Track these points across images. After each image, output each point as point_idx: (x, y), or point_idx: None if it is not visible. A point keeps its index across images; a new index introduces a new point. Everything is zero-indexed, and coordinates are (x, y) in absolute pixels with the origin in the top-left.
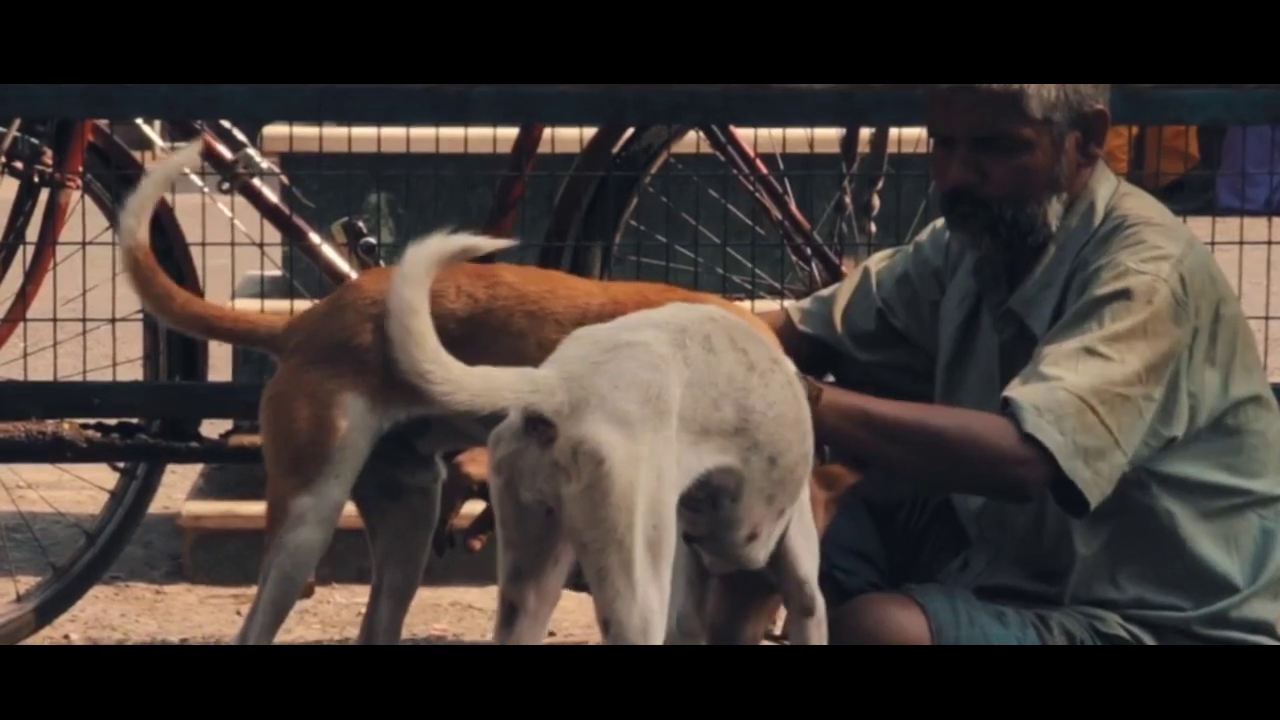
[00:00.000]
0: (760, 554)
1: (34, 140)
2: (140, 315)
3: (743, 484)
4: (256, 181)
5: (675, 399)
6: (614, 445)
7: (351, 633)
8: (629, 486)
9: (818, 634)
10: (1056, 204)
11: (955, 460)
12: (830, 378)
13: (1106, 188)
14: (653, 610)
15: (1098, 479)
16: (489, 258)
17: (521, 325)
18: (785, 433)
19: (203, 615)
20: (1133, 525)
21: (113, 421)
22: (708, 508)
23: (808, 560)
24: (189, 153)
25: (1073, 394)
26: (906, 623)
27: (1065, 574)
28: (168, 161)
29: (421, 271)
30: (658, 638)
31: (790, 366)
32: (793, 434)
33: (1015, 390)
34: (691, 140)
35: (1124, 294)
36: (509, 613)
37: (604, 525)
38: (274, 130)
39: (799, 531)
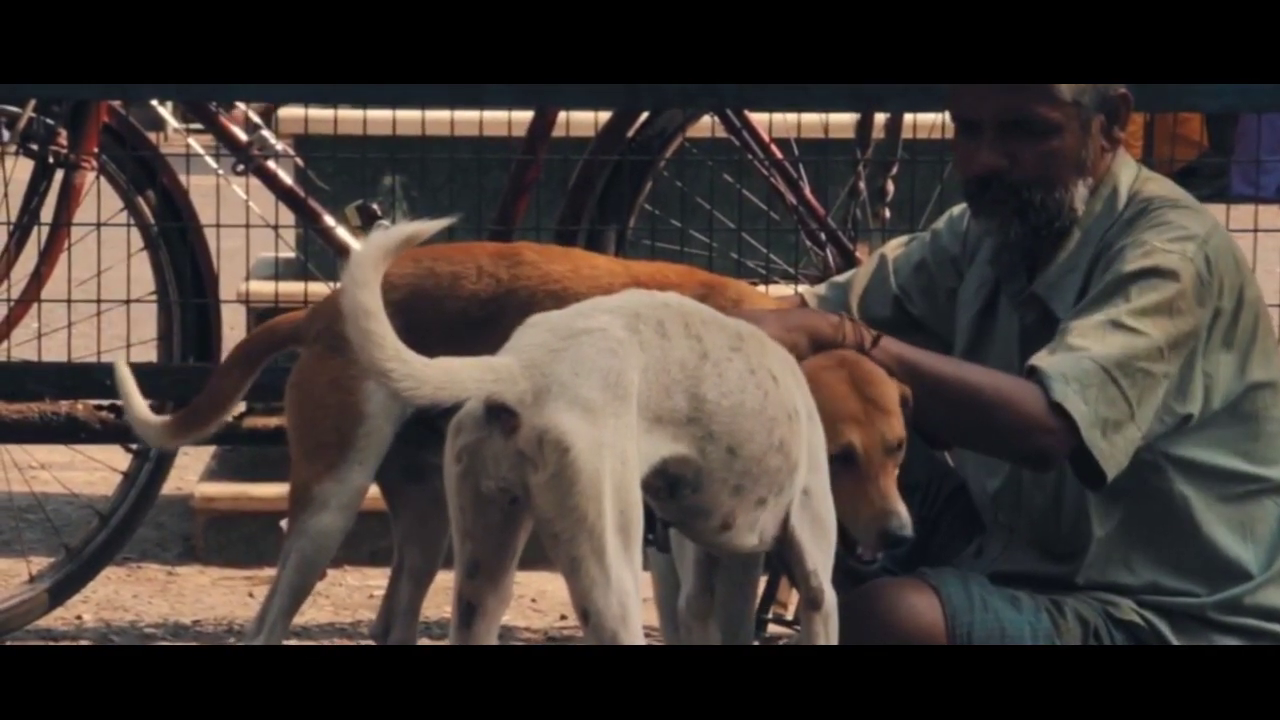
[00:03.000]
0: (743, 542)
1: (49, 121)
2: (154, 297)
3: (701, 474)
4: (271, 164)
5: (634, 383)
6: (578, 433)
7: (363, 615)
8: (595, 474)
9: (823, 629)
10: (1082, 188)
11: (987, 424)
12: None
13: (1129, 173)
14: (629, 595)
15: (1114, 451)
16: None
17: (546, 306)
18: (744, 423)
19: (215, 597)
20: (1148, 509)
21: None
22: (666, 496)
23: (816, 552)
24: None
25: (1098, 364)
26: (921, 607)
27: (1080, 555)
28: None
29: (370, 272)
30: (636, 622)
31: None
32: (754, 424)
33: (1042, 360)
34: (706, 124)
35: (1151, 271)
36: (467, 613)
37: (574, 515)
38: (289, 112)
39: (806, 522)
